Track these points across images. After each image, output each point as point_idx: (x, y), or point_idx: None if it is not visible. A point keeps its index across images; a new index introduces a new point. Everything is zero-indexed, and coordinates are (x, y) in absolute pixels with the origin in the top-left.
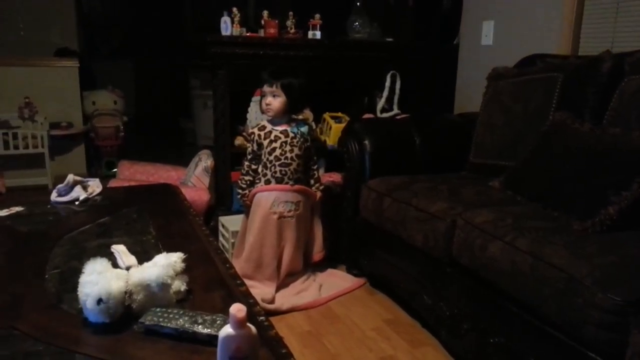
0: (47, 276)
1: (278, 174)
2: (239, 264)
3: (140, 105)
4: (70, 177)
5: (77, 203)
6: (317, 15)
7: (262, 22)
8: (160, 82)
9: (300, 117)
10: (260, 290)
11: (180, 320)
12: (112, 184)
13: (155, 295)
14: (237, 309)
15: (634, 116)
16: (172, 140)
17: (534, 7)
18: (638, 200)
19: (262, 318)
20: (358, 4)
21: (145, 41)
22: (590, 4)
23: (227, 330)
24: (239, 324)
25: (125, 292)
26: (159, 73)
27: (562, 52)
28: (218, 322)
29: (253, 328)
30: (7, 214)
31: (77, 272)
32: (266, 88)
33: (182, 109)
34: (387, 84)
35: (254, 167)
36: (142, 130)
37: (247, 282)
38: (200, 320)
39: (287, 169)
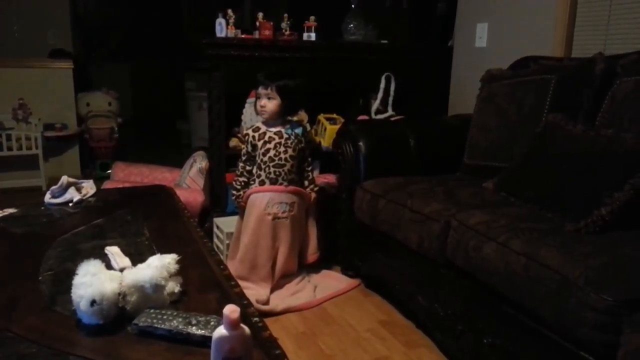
0: (40, 278)
1: (272, 175)
2: (234, 265)
3: (136, 107)
4: (64, 179)
5: (71, 205)
6: (312, 17)
7: (257, 23)
8: (156, 83)
9: (295, 118)
10: (255, 291)
11: (174, 321)
12: (107, 185)
13: (149, 296)
14: (231, 310)
15: (626, 118)
16: (167, 141)
17: (527, 10)
18: (630, 201)
19: (256, 319)
20: (353, 6)
21: (142, 43)
22: (583, 7)
23: (221, 331)
24: (233, 325)
25: (119, 294)
26: (156, 75)
27: (556, 55)
28: (212, 323)
29: (247, 329)
30: (0, 215)
31: (71, 273)
32: (261, 90)
33: (178, 111)
34: (382, 85)
35: (248, 168)
36: (138, 131)
37: (242, 283)
38: (194, 322)
39: (281, 170)
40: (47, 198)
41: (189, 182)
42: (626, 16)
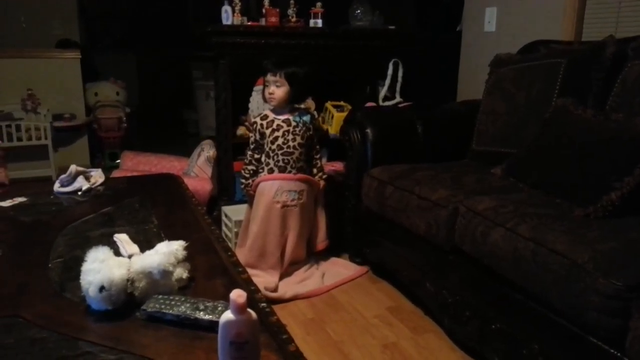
0: (50, 265)
1: (281, 163)
2: (243, 253)
3: (143, 97)
4: (73, 168)
5: (79, 193)
6: (319, 4)
7: (263, 10)
8: (163, 73)
9: (303, 106)
10: (264, 279)
11: (182, 307)
12: (115, 174)
13: (157, 282)
14: (238, 295)
15: (637, 102)
16: (175, 131)
17: None
18: None
19: (263, 304)
20: None
21: (148, 32)
22: None
23: (228, 315)
24: (239, 310)
25: (128, 280)
26: (162, 64)
27: (565, 38)
28: (219, 308)
29: (253, 313)
30: (10, 204)
31: (80, 260)
32: (269, 77)
33: (185, 100)
34: (389, 72)
35: (256, 156)
36: (146, 121)
37: (251, 271)
38: (201, 307)
39: (289, 157)
40: (56, 187)
41: (197, 170)
42: None
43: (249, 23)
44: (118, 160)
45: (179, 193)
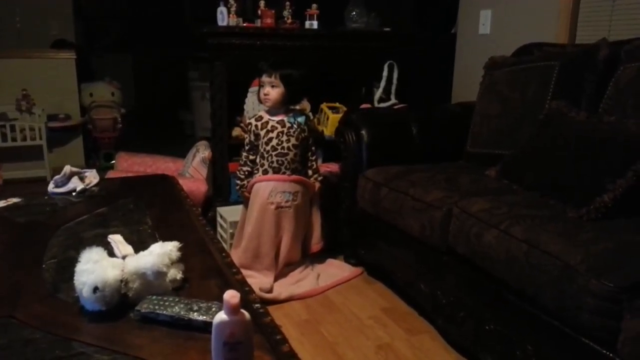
0: (44, 266)
1: (275, 164)
2: (238, 254)
3: (139, 98)
4: (67, 168)
5: (74, 194)
6: (314, 5)
7: (259, 12)
8: (159, 74)
9: (298, 107)
10: (259, 280)
11: (176, 307)
12: (110, 175)
13: (151, 283)
14: (231, 295)
15: (629, 104)
16: (170, 132)
17: None
18: (633, 188)
19: (257, 305)
20: None
21: (144, 33)
22: None
23: (221, 316)
24: (233, 310)
25: (121, 281)
26: (158, 65)
27: (559, 41)
28: (213, 309)
29: (247, 314)
30: (4, 205)
31: (74, 261)
32: (265, 78)
33: (181, 101)
34: (385, 73)
35: (251, 157)
36: (141, 122)
37: (246, 272)
38: (195, 308)
39: (284, 159)
40: (51, 187)
41: (192, 171)
42: (631, 1)
43: (245, 24)
44: (113, 161)
45: (174, 194)
